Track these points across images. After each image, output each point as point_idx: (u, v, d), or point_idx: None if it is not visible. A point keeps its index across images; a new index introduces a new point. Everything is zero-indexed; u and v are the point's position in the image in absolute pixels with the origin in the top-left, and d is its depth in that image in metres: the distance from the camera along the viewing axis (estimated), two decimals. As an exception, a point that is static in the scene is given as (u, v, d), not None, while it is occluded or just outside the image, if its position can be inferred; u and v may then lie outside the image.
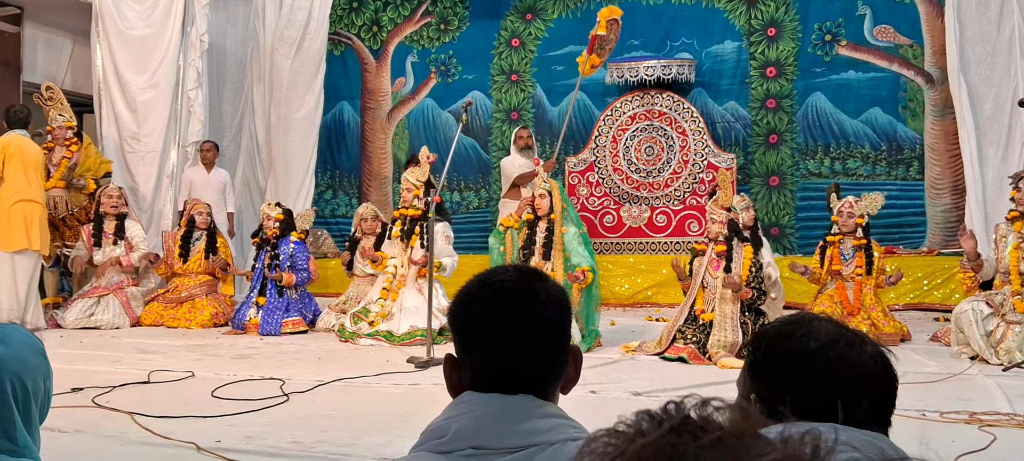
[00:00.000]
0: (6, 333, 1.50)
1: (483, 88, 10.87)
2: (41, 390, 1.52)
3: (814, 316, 1.41)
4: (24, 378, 1.46)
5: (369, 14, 11.28)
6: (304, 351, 6.48)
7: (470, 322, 1.41)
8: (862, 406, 1.31)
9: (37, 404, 1.51)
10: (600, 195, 10.11)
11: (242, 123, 10.46)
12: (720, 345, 5.83)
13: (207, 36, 9.23)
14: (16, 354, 1.48)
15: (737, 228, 6.34)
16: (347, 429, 4.11)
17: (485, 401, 1.35)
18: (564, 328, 1.42)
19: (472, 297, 1.42)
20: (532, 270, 1.46)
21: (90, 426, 4.10)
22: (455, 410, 1.37)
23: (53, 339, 6.95)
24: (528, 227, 6.80)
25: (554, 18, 10.67)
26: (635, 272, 9.51)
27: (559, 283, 1.48)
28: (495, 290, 1.40)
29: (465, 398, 1.38)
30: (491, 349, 1.38)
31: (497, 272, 1.44)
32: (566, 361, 1.43)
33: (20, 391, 1.45)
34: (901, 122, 9.66)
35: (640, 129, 10.06)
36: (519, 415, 1.33)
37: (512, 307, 1.38)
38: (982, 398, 4.71)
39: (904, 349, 6.22)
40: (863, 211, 6.87)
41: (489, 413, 1.33)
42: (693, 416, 0.70)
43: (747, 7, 10.06)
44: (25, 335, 1.55)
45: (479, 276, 1.46)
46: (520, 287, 1.40)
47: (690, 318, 6.19)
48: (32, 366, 1.50)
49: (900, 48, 9.65)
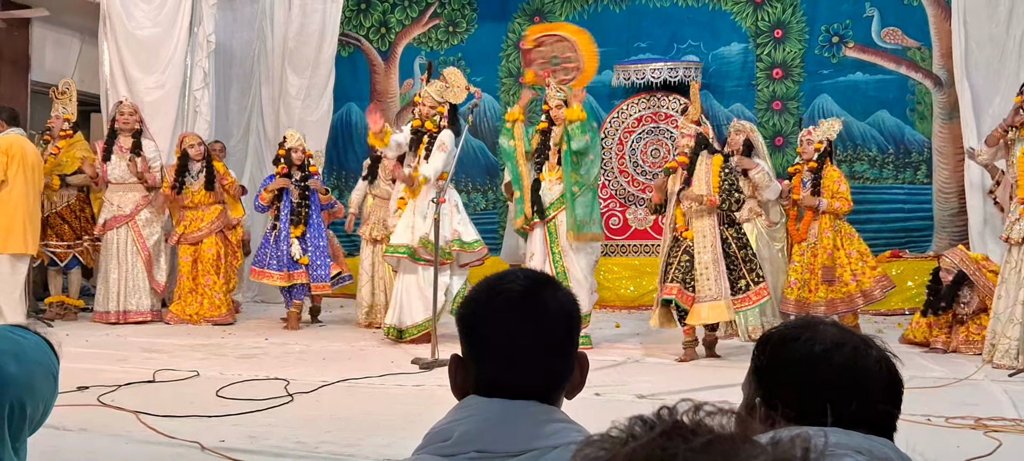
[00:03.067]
0: (24, 350, 1.44)
1: (491, 90, 10.87)
2: (39, 412, 1.46)
3: (819, 320, 1.40)
4: (25, 402, 1.41)
5: (377, 16, 11.29)
6: (309, 351, 6.49)
7: (477, 327, 1.41)
8: (867, 411, 1.31)
9: (30, 426, 1.45)
10: (606, 197, 10.10)
11: (249, 123, 10.47)
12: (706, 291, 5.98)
13: (214, 36, 9.24)
14: (26, 377, 1.42)
15: (706, 141, 6.28)
16: (351, 430, 4.12)
17: (488, 405, 1.35)
18: (571, 337, 1.42)
19: (480, 303, 1.42)
20: (542, 277, 1.45)
21: (95, 425, 4.11)
22: (459, 414, 1.37)
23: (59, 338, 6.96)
24: (541, 136, 6.77)
25: (561, 20, 10.66)
26: (640, 274, 9.49)
27: (570, 291, 1.47)
28: (503, 298, 1.40)
29: (469, 402, 1.39)
30: (496, 356, 1.38)
31: (507, 278, 1.43)
32: (572, 368, 1.43)
33: (17, 413, 1.40)
34: (909, 125, 9.63)
35: (646, 131, 10.06)
36: (522, 420, 1.33)
37: (519, 316, 1.38)
38: (988, 403, 4.69)
39: (910, 353, 6.20)
40: (822, 136, 7.00)
41: (492, 418, 1.33)
42: (685, 420, 0.71)
43: (754, 9, 10.04)
44: (42, 354, 1.49)
45: (489, 280, 1.45)
46: (528, 296, 1.39)
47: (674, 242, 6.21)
48: (38, 390, 1.45)
49: (908, 50, 9.62)
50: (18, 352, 1.42)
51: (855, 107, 9.74)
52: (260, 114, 10.38)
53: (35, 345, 1.48)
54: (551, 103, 6.72)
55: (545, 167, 6.71)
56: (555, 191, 6.65)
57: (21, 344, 1.44)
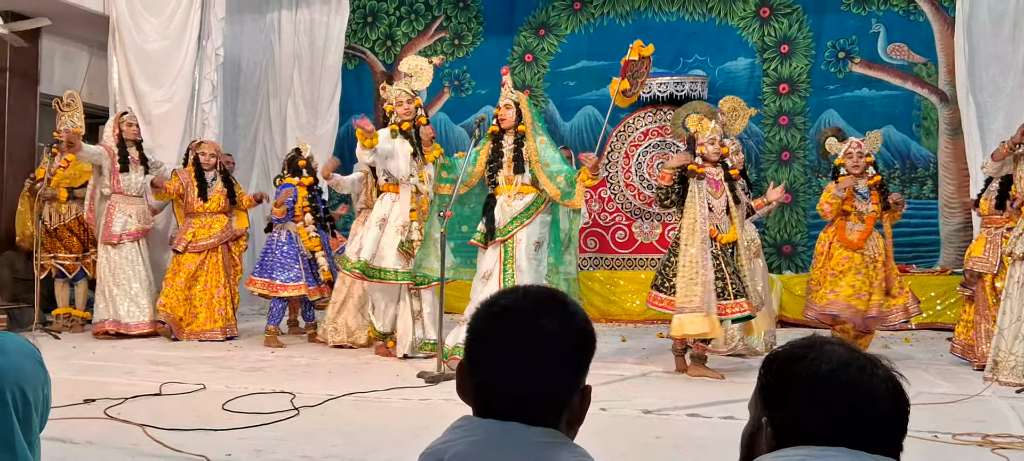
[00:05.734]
0: (3, 342, 1.47)
1: (496, 103, 10.87)
2: (40, 399, 1.50)
3: (825, 340, 1.41)
4: (24, 388, 1.44)
5: (383, 28, 11.34)
6: (315, 364, 6.49)
7: (476, 343, 1.41)
8: (873, 430, 1.31)
9: (37, 413, 1.48)
10: (612, 211, 10.12)
11: (257, 136, 10.52)
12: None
13: (223, 49, 9.29)
14: (14, 364, 1.45)
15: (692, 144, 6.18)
16: (357, 444, 4.12)
17: (482, 426, 1.37)
18: (571, 362, 1.39)
19: (482, 319, 1.41)
20: (547, 300, 1.41)
21: (102, 438, 4.12)
22: (452, 434, 1.39)
23: (65, 350, 7.00)
24: (493, 141, 6.38)
25: (567, 34, 10.69)
26: (647, 288, 9.43)
27: (582, 314, 1.42)
28: (504, 318, 1.39)
29: (461, 423, 1.40)
30: (492, 374, 1.38)
31: (514, 302, 1.40)
32: (571, 394, 1.39)
33: (20, 401, 1.43)
34: (915, 140, 9.64)
35: (652, 145, 10.07)
36: (514, 442, 1.33)
37: (516, 338, 1.36)
38: (995, 420, 4.67)
39: (916, 370, 6.19)
40: (869, 149, 6.86)
41: (484, 439, 1.34)
42: None
43: (760, 24, 10.06)
44: (20, 342, 1.52)
45: (496, 298, 1.44)
46: (528, 318, 1.37)
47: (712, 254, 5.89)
48: (31, 374, 1.48)
49: (914, 66, 9.63)
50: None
51: (861, 122, 9.72)
52: (268, 126, 10.44)
53: (10, 337, 1.51)
54: (500, 103, 6.40)
55: (500, 177, 6.33)
56: (515, 207, 6.26)
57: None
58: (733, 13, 10.13)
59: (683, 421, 4.66)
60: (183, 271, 7.73)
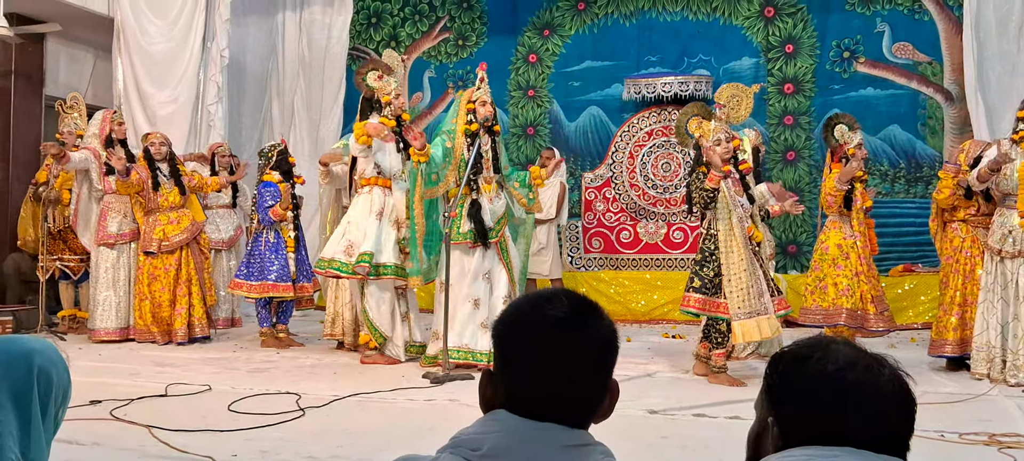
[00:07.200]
0: (35, 340, 1.53)
1: (500, 103, 10.87)
2: (61, 390, 1.53)
3: (831, 339, 1.40)
4: (50, 372, 1.49)
5: (387, 30, 11.34)
6: (320, 365, 6.50)
7: (511, 346, 1.41)
8: (880, 430, 1.31)
9: (54, 403, 1.51)
10: (617, 211, 10.12)
11: (261, 137, 10.53)
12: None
13: (228, 51, 9.30)
14: (45, 348, 1.51)
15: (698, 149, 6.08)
16: (363, 445, 4.12)
17: (520, 423, 1.36)
18: (606, 366, 1.42)
19: (520, 322, 1.42)
20: (585, 305, 1.43)
21: (108, 439, 4.13)
22: (489, 426, 1.39)
23: (71, 351, 7.00)
24: (470, 139, 6.24)
25: (571, 34, 10.69)
26: (652, 288, 9.50)
27: (611, 321, 1.44)
28: (544, 323, 1.39)
29: (499, 415, 1.39)
30: (530, 377, 1.38)
31: (553, 302, 1.41)
32: (604, 396, 1.42)
33: (44, 382, 1.47)
34: (920, 139, 9.61)
35: (657, 145, 10.07)
36: (551, 441, 1.35)
37: (557, 343, 1.38)
38: (1002, 419, 4.67)
39: (923, 370, 6.18)
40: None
41: (520, 434, 1.35)
42: None
43: (765, 24, 10.05)
44: (53, 346, 1.57)
45: (532, 299, 1.44)
46: (569, 324, 1.39)
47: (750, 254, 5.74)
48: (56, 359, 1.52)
49: (919, 65, 9.61)
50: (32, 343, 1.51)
51: (866, 122, 9.70)
52: (272, 128, 10.46)
53: (40, 340, 1.56)
54: (479, 98, 6.28)
55: (481, 180, 6.28)
56: (497, 206, 6.27)
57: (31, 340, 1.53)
58: (737, 13, 10.11)
59: (689, 421, 4.66)
60: (161, 277, 7.43)
